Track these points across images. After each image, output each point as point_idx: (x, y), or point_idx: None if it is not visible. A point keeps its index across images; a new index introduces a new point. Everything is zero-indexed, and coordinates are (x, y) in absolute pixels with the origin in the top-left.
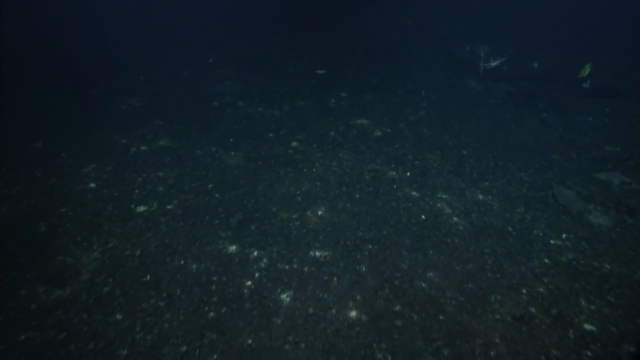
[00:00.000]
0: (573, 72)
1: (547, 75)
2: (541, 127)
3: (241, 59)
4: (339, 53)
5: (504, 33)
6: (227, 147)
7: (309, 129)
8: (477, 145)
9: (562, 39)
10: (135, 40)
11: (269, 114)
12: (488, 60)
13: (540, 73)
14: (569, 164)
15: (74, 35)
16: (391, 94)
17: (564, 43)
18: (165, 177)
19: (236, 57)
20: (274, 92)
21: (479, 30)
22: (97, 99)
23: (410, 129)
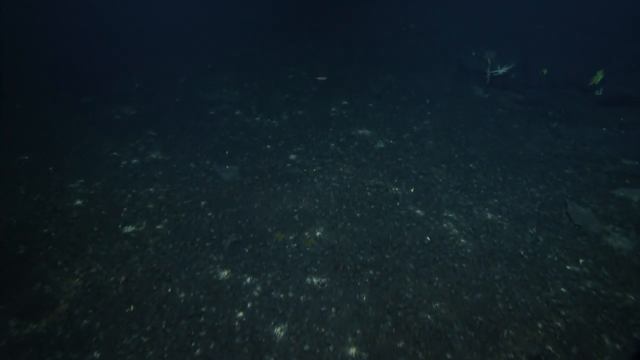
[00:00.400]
0: (584, 78)
1: (556, 82)
2: (552, 138)
3: (240, 64)
4: (341, 58)
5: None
6: (222, 160)
7: (309, 140)
8: (484, 158)
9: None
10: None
11: (266, 124)
12: (495, 67)
13: (549, 80)
14: (584, 179)
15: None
16: (394, 102)
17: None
18: (156, 193)
19: (235, 63)
20: (273, 100)
21: (484, 33)
22: (91, 107)
23: (414, 140)
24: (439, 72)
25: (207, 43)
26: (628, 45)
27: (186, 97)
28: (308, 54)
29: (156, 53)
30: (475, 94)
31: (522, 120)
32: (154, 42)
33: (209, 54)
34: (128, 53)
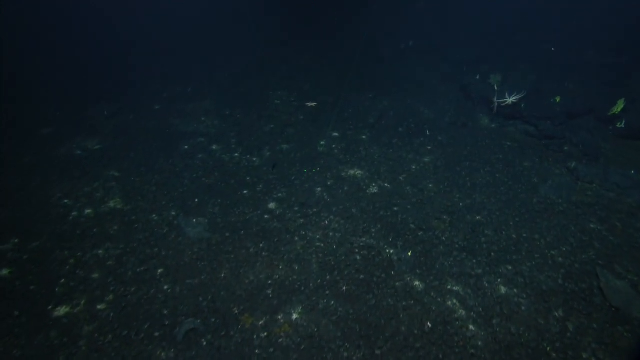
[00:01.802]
0: (603, 107)
1: (571, 111)
2: (570, 180)
3: (225, 87)
4: (334, 79)
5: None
6: (190, 211)
7: (292, 183)
8: (493, 207)
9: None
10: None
11: (246, 162)
12: (502, 95)
13: (564, 108)
14: (614, 237)
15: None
16: (391, 133)
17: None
18: (105, 257)
19: (219, 86)
20: (255, 132)
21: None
22: (51, 139)
23: (412, 183)
24: (440, 97)
25: (191, 64)
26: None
27: (160, 128)
28: (299, 74)
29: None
30: (480, 123)
31: (534, 157)
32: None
33: (192, 76)
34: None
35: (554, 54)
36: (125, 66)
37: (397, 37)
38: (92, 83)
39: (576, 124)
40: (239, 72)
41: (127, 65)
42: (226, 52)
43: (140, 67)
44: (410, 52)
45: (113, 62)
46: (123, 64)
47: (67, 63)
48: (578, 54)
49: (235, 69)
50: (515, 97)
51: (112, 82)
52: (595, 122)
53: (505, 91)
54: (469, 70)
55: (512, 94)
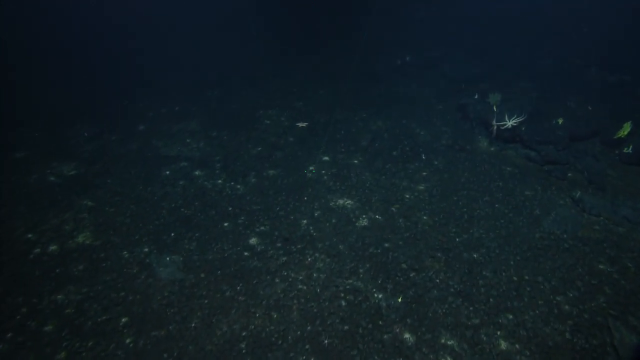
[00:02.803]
0: (608, 130)
1: (575, 134)
2: (576, 213)
3: (214, 106)
4: (328, 96)
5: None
6: (164, 247)
7: (276, 214)
8: (492, 243)
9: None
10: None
11: (229, 190)
12: (502, 117)
13: (567, 131)
14: (626, 281)
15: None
16: (384, 157)
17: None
18: (64, 303)
19: (208, 104)
20: (242, 156)
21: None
22: (23, 164)
23: (405, 214)
24: (437, 117)
25: (182, 80)
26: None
27: (141, 152)
28: (292, 91)
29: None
30: (479, 146)
31: (536, 185)
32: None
33: (182, 93)
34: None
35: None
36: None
37: (394, 51)
38: (76, 100)
39: (580, 148)
40: (231, 88)
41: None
42: (219, 67)
43: (129, 83)
44: (407, 68)
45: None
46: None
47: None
48: (580, 71)
49: (227, 85)
50: (515, 120)
51: (97, 100)
52: (600, 145)
53: (505, 112)
54: (467, 88)
55: (512, 116)
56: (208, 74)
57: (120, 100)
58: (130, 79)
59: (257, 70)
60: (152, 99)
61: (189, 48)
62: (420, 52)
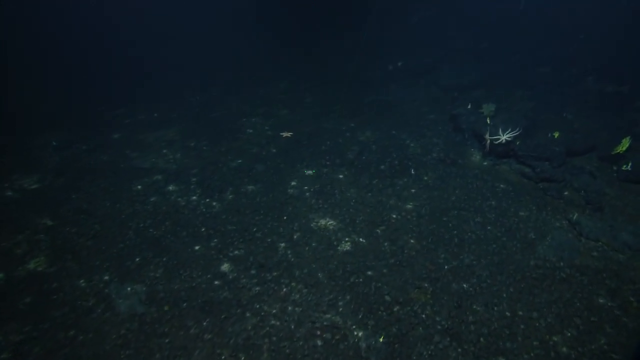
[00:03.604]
0: (606, 144)
1: (571, 148)
2: (573, 237)
3: (195, 112)
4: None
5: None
6: (127, 274)
7: (253, 236)
8: (484, 272)
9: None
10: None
11: (203, 207)
12: (495, 131)
13: (563, 145)
14: (628, 318)
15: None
16: (371, 172)
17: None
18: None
19: (189, 111)
20: (220, 168)
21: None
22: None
23: (391, 237)
24: (428, 128)
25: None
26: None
27: (113, 163)
28: (277, 99)
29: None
30: (471, 160)
31: (531, 205)
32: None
33: (162, 98)
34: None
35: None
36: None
37: (386, 55)
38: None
39: (577, 165)
40: (215, 94)
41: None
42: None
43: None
44: (399, 74)
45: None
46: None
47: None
48: (577, 80)
49: (211, 90)
50: (510, 134)
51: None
52: (597, 161)
53: (499, 125)
54: (460, 96)
55: (506, 129)
56: (192, 77)
57: (97, 106)
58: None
59: (243, 75)
60: (131, 104)
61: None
62: (413, 57)
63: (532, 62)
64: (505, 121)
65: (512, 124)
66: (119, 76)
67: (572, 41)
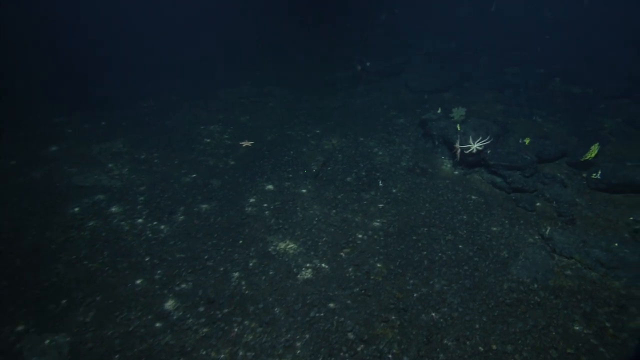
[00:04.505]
0: (575, 150)
1: (542, 155)
2: (547, 255)
3: (146, 121)
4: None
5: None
6: (47, 323)
7: (204, 264)
8: (455, 299)
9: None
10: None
11: (150, 232)
12: (466, 138)
13: (534, 152)
14: (605, 347)
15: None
16: (337, 185)
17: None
18: None
19: (140, 118)
20: (172, 185)
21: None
22: None
23: (356, 261)
24: (398, 134)
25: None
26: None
27: (47, 181)
28: (239, 102)
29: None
30: (442, 169)
31: (503, 219)
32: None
33: (114, 105)
34: None
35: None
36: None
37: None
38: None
39: (548, 174)
40: (173, 99)
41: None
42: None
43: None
44: (367, 75)
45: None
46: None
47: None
48: (544, 81)
49: (169, 95)
50: (480, 143)
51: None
52: (568, 168)
53: (469, 133)
54: (430, 98)
55: (477, 136)
56: (147, 79)
57: (36, 113)
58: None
59: (202, 77)
60: (76, 110)
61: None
62: (383, 57)
63: (501, 63)
64: (475, 128)
65: (482, 131)
66: (72, 77)
67: (539, 42)
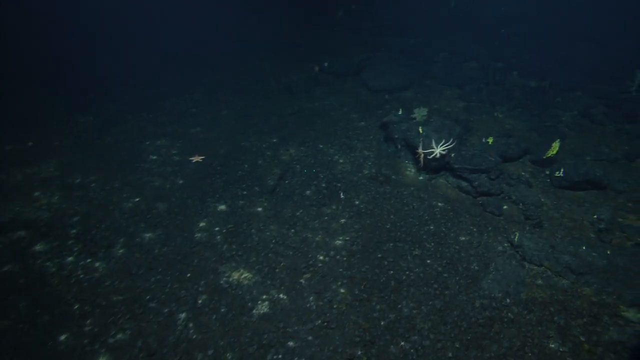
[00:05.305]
0: (537, 147)
1: (506, 154)
2: (517, 264)
3: (83, 138)
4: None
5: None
6: None
7: (145, 307)
8: (425, 324)
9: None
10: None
11: (82, 272)
12: (428, 141)
13: (498, 152)
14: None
15: None
16: (296, 200)
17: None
18: None
19: (75, 136)
20: (111, 212)
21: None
22: None
23: (318, 288)
24: (359, 139)
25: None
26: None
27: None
28: (189, 112)
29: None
30: (406, 174)
31: (471, 227)
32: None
33: (44, 121)
34: None
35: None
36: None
37: (311, 56)
38: None
39: (513, 174)
40: (116, 111)
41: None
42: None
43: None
44: (325, 76)
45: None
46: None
47: None
48: (503, 75)
49: (108, 106)
50: (444, 146)
51: None
52: (531, 166)
53: (432, 136)
54: (390, 98)
55: (440, 140)
56: (86, 89)
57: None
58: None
59: (149, 85)
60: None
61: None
62: (341, 56)
63: (460, 59)
64: (438, 129)
65: (445, 133)
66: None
67: (495, 36)
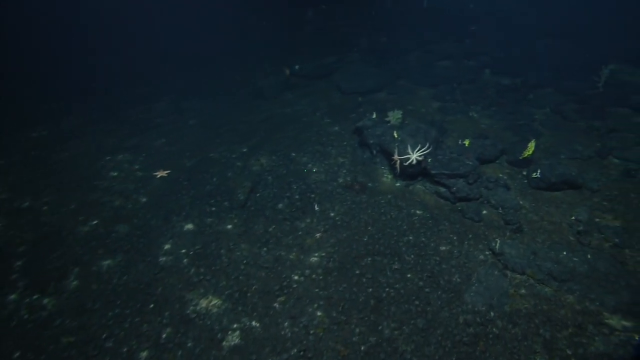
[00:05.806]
0: (512, 147)
1: (483, 155)
2: (500, 275)
3: (34, 154)
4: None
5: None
6: None
7: (100, 348)
8: (408, 346)
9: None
10: None
11: (25, 313)
12: (404, 147)
13: (475, 154)
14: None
15: None
16: (268, 215)
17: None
18: None
19: (24, 153)
20: (64, 239)
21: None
22: None
23: (292, 312)
24: (332, 144)
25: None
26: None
27: None
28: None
29: None
30: (383, 181)
31: (451, 235)
32: None
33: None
34: None
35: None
36: None
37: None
38: None
39: (491, 177)
40: (73, 124)
41: None
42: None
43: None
44: (296, 79)
45: None
46: None
47: None
48: (475, 73)
49: (67, 118)
50: (420, 152)
51: None
52: (508, 167)
53: (407, 140)
54: (364, 101)
55: (415, 146)
56: (39, 100)
57: None
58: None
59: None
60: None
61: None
62: (312, 58)
63: (433, 58)
64: (413, 134)
65: (421, 137)
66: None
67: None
